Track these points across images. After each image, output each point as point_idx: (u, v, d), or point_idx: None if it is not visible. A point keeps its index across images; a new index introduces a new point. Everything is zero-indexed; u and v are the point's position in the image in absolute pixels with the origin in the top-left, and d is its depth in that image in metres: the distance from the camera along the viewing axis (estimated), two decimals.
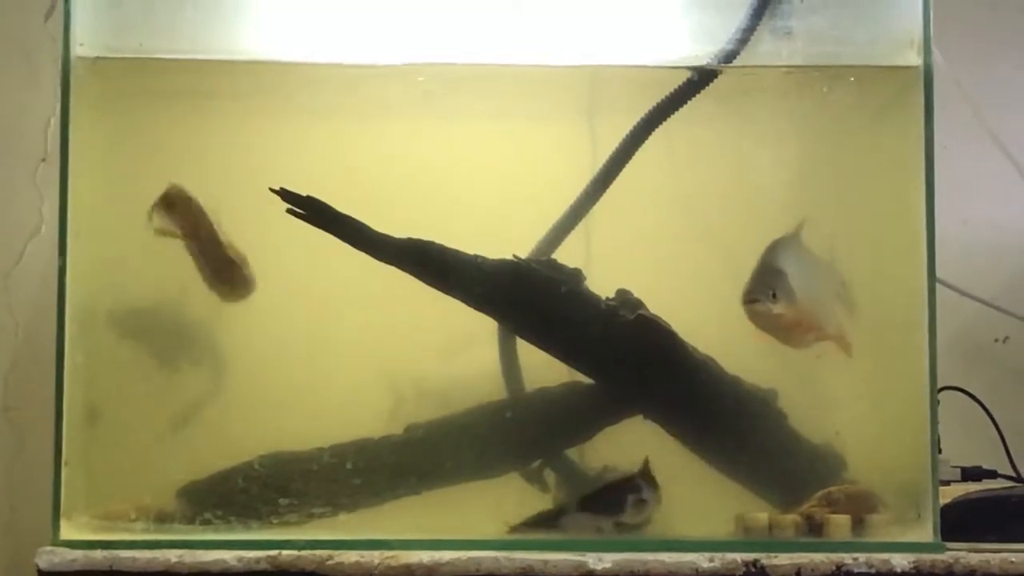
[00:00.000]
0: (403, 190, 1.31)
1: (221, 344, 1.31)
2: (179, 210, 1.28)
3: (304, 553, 1.15)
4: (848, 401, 1.31)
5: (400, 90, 1.31)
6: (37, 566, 1.16)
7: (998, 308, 1.63)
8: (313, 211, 1.26)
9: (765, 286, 1.24)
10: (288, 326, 1.31)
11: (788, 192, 1.32)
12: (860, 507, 1.24)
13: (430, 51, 1.30)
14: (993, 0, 1.72)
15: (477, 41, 1.31)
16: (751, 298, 1.24)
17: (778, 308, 1.23)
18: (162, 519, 1.24)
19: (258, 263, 1.30)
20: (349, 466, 1.27)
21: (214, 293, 1.29)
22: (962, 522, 1.28)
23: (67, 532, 1.21)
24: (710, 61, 1.29)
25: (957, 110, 1.44)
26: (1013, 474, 1.50)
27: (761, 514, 1.24)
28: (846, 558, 1.15)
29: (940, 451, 1.26)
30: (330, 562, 1.14)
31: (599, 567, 1.14)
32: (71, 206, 1.24)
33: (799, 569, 1.15)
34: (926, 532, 1.23)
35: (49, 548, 1.17)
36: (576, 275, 1.27)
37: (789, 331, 1.26)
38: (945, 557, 1.16)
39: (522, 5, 1.31)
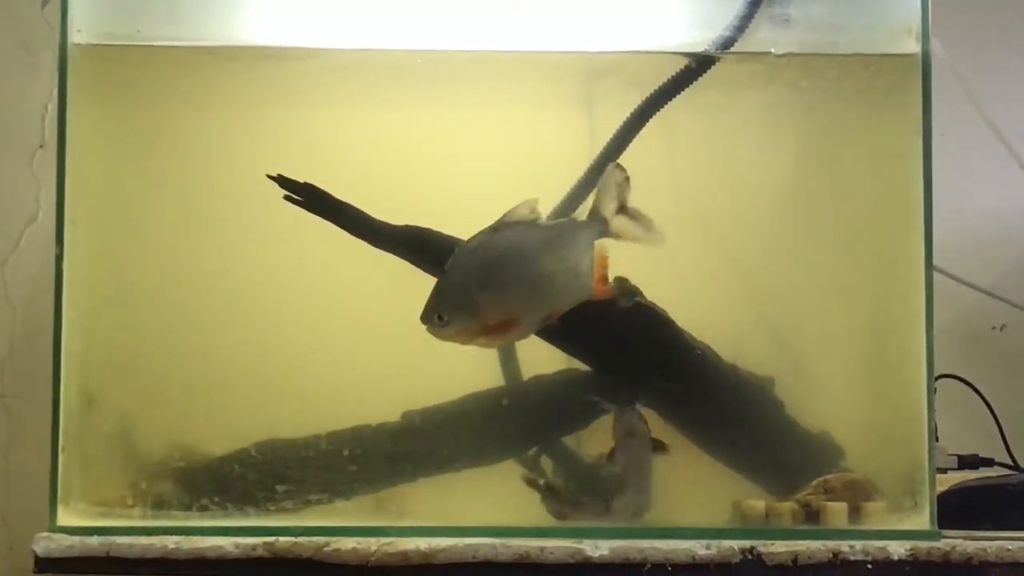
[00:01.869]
0: (401, 177, 1.31)
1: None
2: None
3: (301, 540, 1.15)
4: (845, 389, 1.31)
5: (399, 77, 1.31)
6: (34, 552, 1.16)
7: (995, 296, 1.63)
8: (311, 198, 1.26)
9: (431, 310, 1.18)
10: (287, 314, 1.31)
11: (784, 180, 1.32)
12: (857, 495, 1.24)
13: (428, 37, 1.30)
14: None
15: (475, 27, 1.31)
16: (425, 324, 1.18)
17: (452, 328, 1.17)
18: (159, 505, 1.24)
19: (255, 250, 1.30)
20: (346, 453, 1.27)
21: None
22: (959, 510, 1.29)
23: (64, 518, 1.21)
24: (707, 48, 1.29)
25: (955, 98, 1.44)
26: (1010, 462, 1.50)
27: (758, 501, 1.24)
28: (843, 546, 1.15)
29: (937, 439, 1.27)
30: (327, 548, 1.14)
31: (596, 554, 1.14)
32: (68, 193, 1.24)
33: (795, 557, 1.15)
34: (923, 520, 1.23)
35: (46, 534, 1.17)
36: None
37: (489, 336, 1.19)
38: (942, 545, 1.16)
39: None
